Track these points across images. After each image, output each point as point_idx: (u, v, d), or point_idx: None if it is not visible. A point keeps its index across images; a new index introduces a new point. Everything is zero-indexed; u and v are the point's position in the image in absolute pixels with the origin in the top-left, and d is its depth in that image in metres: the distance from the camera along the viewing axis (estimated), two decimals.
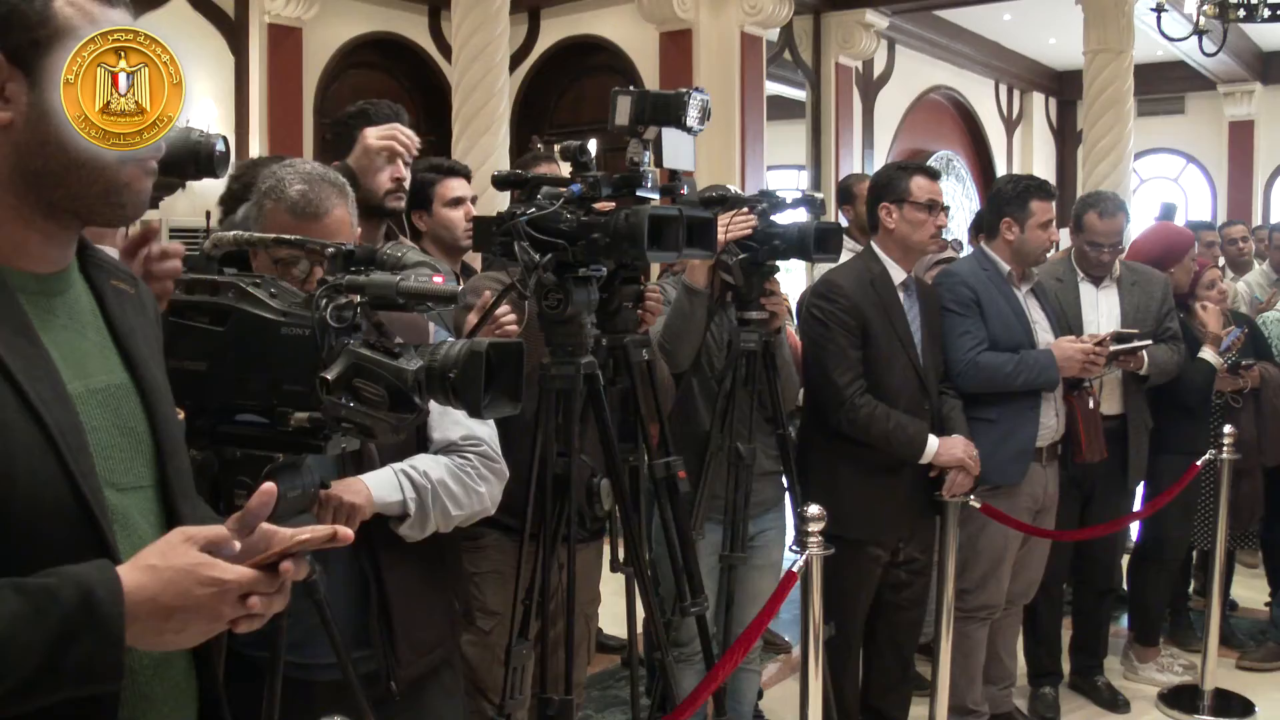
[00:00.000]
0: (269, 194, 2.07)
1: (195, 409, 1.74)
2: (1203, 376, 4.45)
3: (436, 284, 1.69)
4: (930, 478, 3.60)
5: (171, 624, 1.16)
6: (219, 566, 1.17)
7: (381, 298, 1.66)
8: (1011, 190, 3.94)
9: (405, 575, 2.15)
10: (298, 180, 2.06)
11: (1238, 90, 14.29)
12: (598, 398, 2.48)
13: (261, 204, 2.07)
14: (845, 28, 9.93)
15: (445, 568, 2.36)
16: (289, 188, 2.05)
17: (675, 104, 2.40)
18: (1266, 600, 5.49)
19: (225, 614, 1.18)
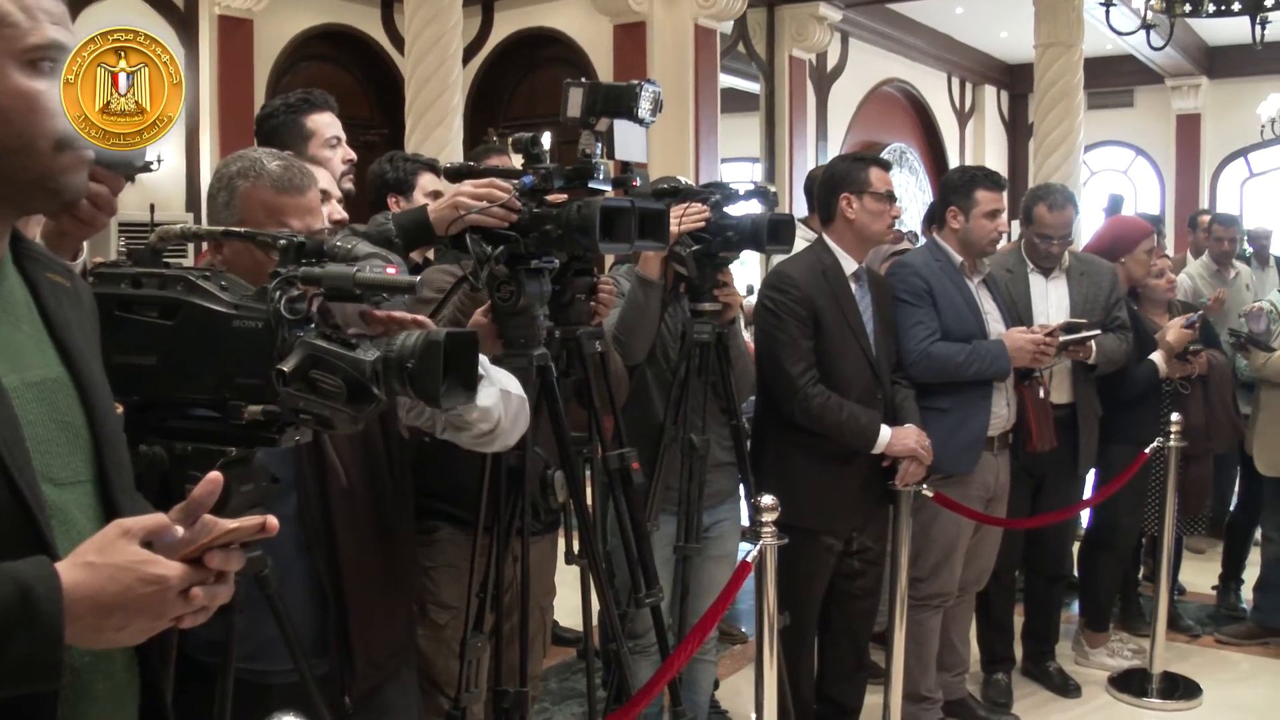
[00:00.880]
0: (243, 175, 2.00)
1: (144, 403, 1.72)
2: (1145, 377, 4.52)
3: (393, 275, 1.68)
4: (883, 467, 3.62)
5: (112, 621, 1.14)
6: (160, 563, 1.15)
7: (338, 289, 1.64)
8: (958, 179, 3.99)
9: (364, 581, 2.09)
10: (273, 158, 2.03)
11: (1185, 84, 14.49)
12: (551, 390, 2.47)
13: (234, 187, 2.01)
14: (799, 20, 9.97)
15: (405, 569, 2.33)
16: (267, 164, 2.01)
17: (627, 96, 2.39)
18: (1214, 585, 5.59)
19: (167, 610, 1.16)
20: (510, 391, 2.00)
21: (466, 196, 2.37)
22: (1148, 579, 5.42)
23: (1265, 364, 4.87)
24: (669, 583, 3.32)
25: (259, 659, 1.98)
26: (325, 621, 2.06)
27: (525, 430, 2.17)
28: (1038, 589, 4.69)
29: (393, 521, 2.18)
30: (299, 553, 2.02)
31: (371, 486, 2.11)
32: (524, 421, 2.12)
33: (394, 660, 2.22)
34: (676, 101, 8.36)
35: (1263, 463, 4.98)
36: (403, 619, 2.26)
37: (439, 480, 2.68)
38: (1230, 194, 15.04)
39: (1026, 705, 4.45)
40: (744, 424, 3.37)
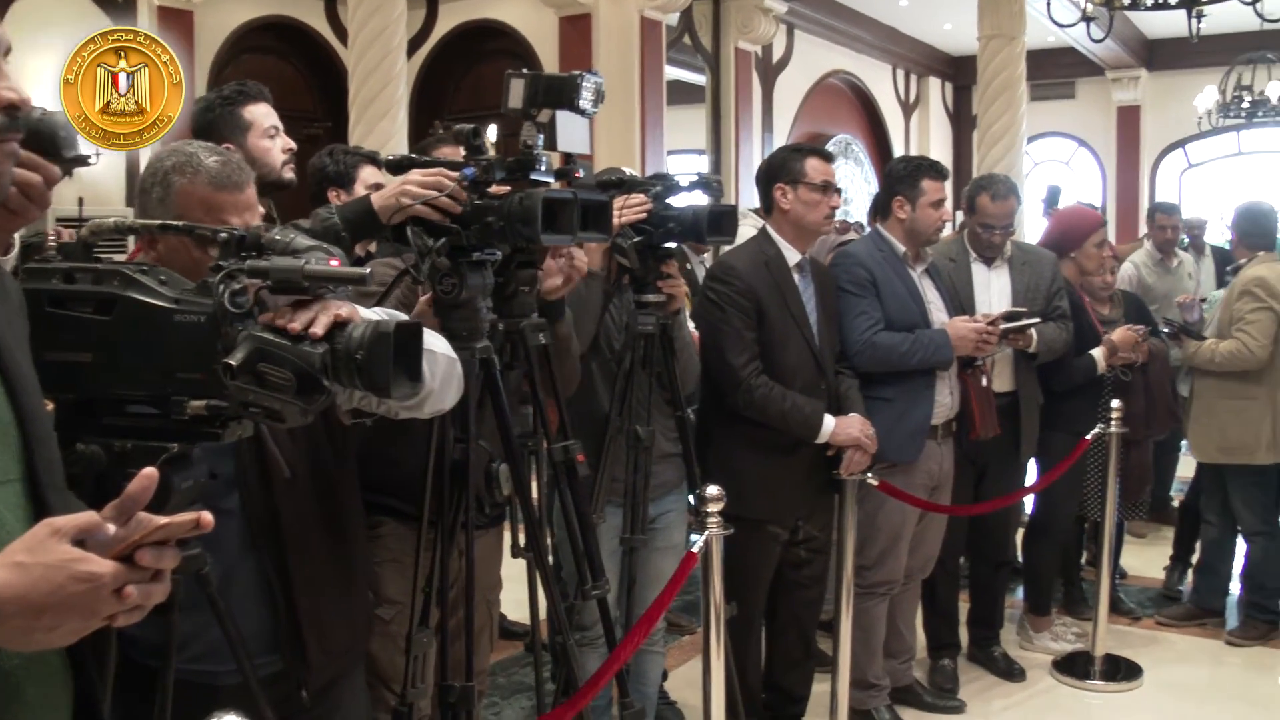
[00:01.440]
0: (179, 171, 1.96)
1: (79, 401, 1.69)
2: (1084, 370, 4.58)
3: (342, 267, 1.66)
4: (828, 456, 3.64)
5: (43, 622, 1.12)
6: (91, 561, 1.13)
7: (286, 282, 1.62)
8: (903, 170, 4.01)
9: (315, 577, 2.07)
10: (210, 153, 2.00)
11: (1125, 76, 14.71)
12: (494, 382, 2.46)
13: (169, 183, 1.98)
14: (744, 12, 10.00)
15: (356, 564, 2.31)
16: (205, 160, 1.98)
17: (568, 86, 2.39)
18: (1165, 565, 5.67)
19: (100, 610, 1.14)
20: (436, 352, 1.97)
21: (413, 185, 2.35)
22: (1090, 564, 5.50)
23: (1195, 353, 4.95)
24: (616, 575, 3.32)
25: (207, 660, 1.96)
26: (276, 617, 2.04)
27: (460, 392, 2.14)
28: (982, 575, 4.75)
29: (341, 511, 2.17)
30: (245, 549, 2.00)
31: (316, 477, 2.09)
32: (457, 383, 2.08)
33: (351, 652, 2.21)
34: (622, 94, 8.35)
35: (1197, 449, 5.07)
36: (358, 609, 2.24)
37: (382, 474, 2.65)
38: (1169, 184, 15.29)
39: (972, 690, 4.50)
40: (689, 415, 3.37)
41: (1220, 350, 4.84)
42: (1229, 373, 4.88)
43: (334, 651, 2.11)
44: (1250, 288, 4.87)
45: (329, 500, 2.12)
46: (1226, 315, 4.91)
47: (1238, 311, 4.86)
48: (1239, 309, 4.86)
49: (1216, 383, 4.94)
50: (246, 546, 2.00)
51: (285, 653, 2.04)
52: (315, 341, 1.58)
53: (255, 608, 2.02)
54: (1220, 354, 4.84)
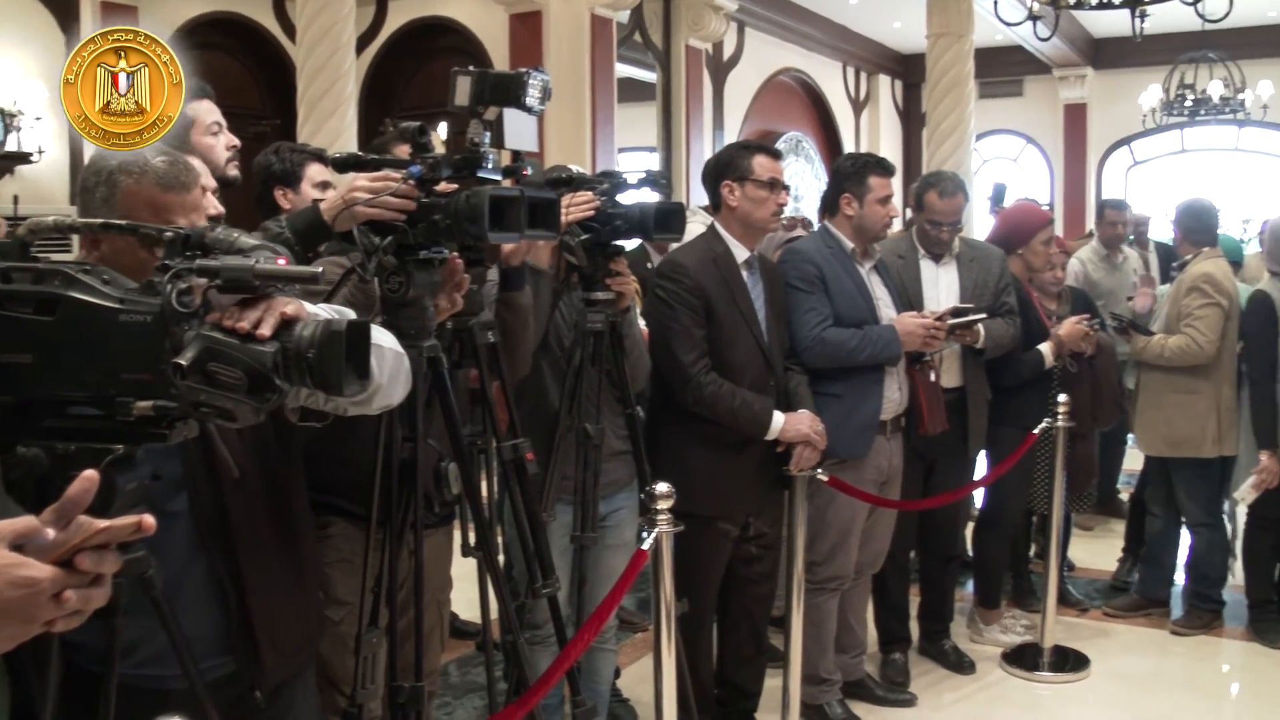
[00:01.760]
0: (125, 171, 1.92)
1: (19, 403, 1.67)
2: (1031, 366, 4.63)
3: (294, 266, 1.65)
4: (778, 453, 3.65)
5: None
6: (29, 565, 1.12)
7: (237, 281, 1.61)
8: (850, 167, 4.03)
9: (266, 574, 2.05)
10: (156, 154, 1.97)
11: (1071, 74, 14.90)
12: (442, 381, 2.45)
13: (115, 183, 1.95)
14: (695, 10, 10.01)
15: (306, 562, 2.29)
16: (152, 160, 1.94)
17: (515, 84, 2.38)
18: (1119, 557, 5.74)
19: (38, 615, 1.13)
20: (384, 347, 1.97)
21: (361, 190, 2.34)
22: (1039, 556, 5.55)
23: (1144, 347, 5.00)
24: (567, 573, 3.32)
25: (154, 664, 1.93)
26: (227, 619, 2.02)
27: (409, 387, 2.13)
28: (932, 569, 4.79)
29: (290, 509, 2.15)
30: (195, 551, 1.97)
31: (265, 476, 2.08)
32: (405, 378, 2.08)
33: (303, 652, 2.20)
34: (573, 91, 8.35)
35: (1143, 442, 5.14)
36: (309, 607, 2.23)
37: (331, 474, 2.64)
38: (1115, 181, 15.50)
39: (923, 683, 4.54)
40: (639, 413, 3.37)
41: (1169, 345, 4.90)
42: (1176, 367, 4.94)
43: (286, 651, 2.10)
44: (1199, 284, 4.93)
45: (278, 498, 2.10)
46: (1174, 311, 4.97)
47: (1186, 307, 4.92)
48: (1187, 305, 4.92)
49: (1163, 377, 5.00)
50: (196, 548, 1.98)
51: (238, 654, 2.03)
52: (266, 340, 1.57)
53: (206, 609, 2.00)
54: (1170, 349, 4.90)
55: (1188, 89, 12.22)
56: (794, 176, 12.62)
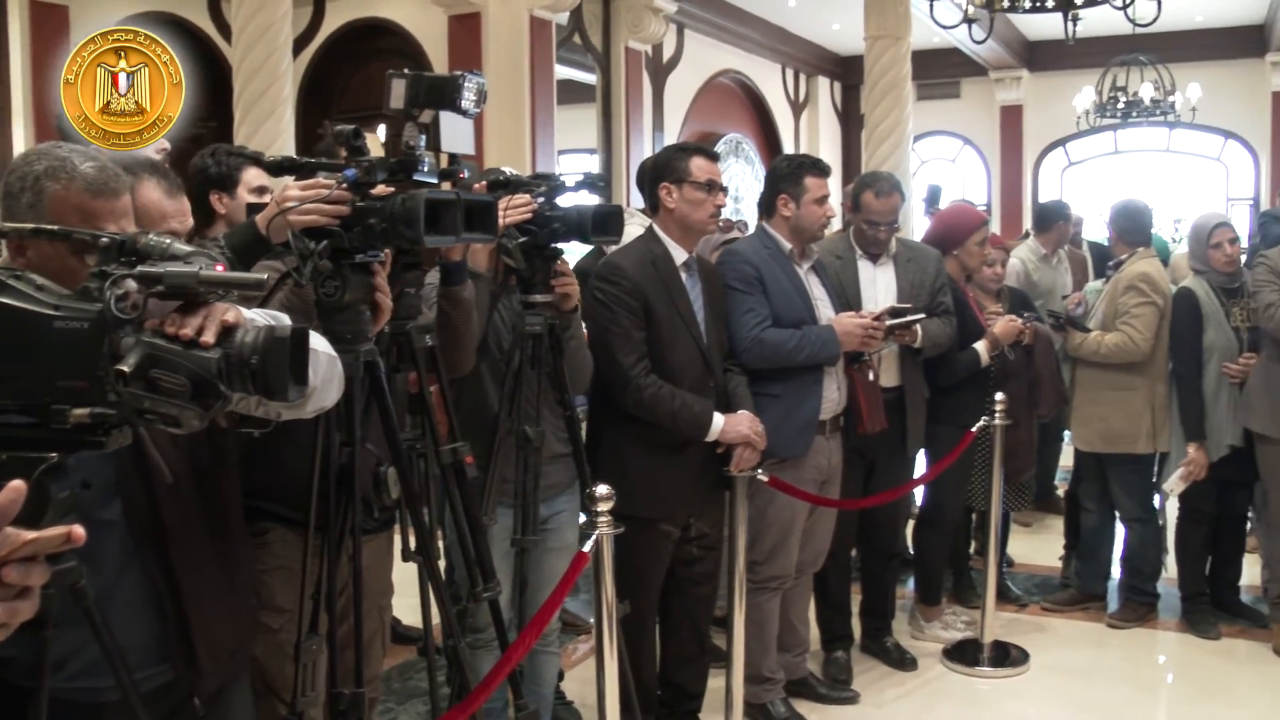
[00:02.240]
0: (52, 176, 1.90)
1: None
2: (967, 364, 4.69)
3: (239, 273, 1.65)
4: (718, 454, 3.67)
5: None
6: None
7: (180, 288, 1.60)
8: (786, 168, 4.05)
9: (201, 580, 2.03)
10: (84, 158, 1.94)
11: (1007, 76, 15.11)
12: (379, 385, 2.44)
13: (41, 188, 1.91)
14: (634, 12, 10.02)
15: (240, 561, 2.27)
16: (80, 165, 1.91)
17: (450, 87, 2.38)
18: (1059, 555, 5.81)
19: None
20: (318, 351, 1.95)
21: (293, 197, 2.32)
22: (978, 553, 5.63)
23: (1081, 344, 5.07)
24: (509, 576, 3.31)
25: (88, 676, 1.91)
26: (164, 627, 2.00)
27: (341, 389, 2.12)
28: (873, 567, 4.82)
29: (223, 513, 2.14)
30: (129, 558, 1.95)
31: (198, 480, 2.06)
32: (338, 381, 2.07)
33: (238, 656, 2.18)
34: (512, 93, 8.32)
35: (1079, 438, 5.21)
36: (243, 610, 2.22)
37: (268, 481, 2.62)
38: (1051, 181, 15.72)
39: (866, 680, 4.57)
40: (579, 415, 3.37)
41: (1106, 342, 4.97)
42: (1111, 365, 5.01)
43: (222, 656, 2.09)
44: (1136, 283, 5.00)
45: (211, 502, 2.09)
46: (1111, 309, 5.04)
47: (1123, 305, 4.99)
48: (1125, 303, 4.99)
49: (1099, 374, 5.07)
50: (130, 555, 1.95)
51: (175, 661, 2.00)
52: (210, 347, 1.56)
53: (142, 617, 1.97)
54: (1106, 346, 4.97)
55: (1120, 91, 12.41)
56: (734, 178, 12.66)
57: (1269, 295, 4.59)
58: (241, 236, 2.44)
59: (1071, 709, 4.36)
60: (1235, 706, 4.36)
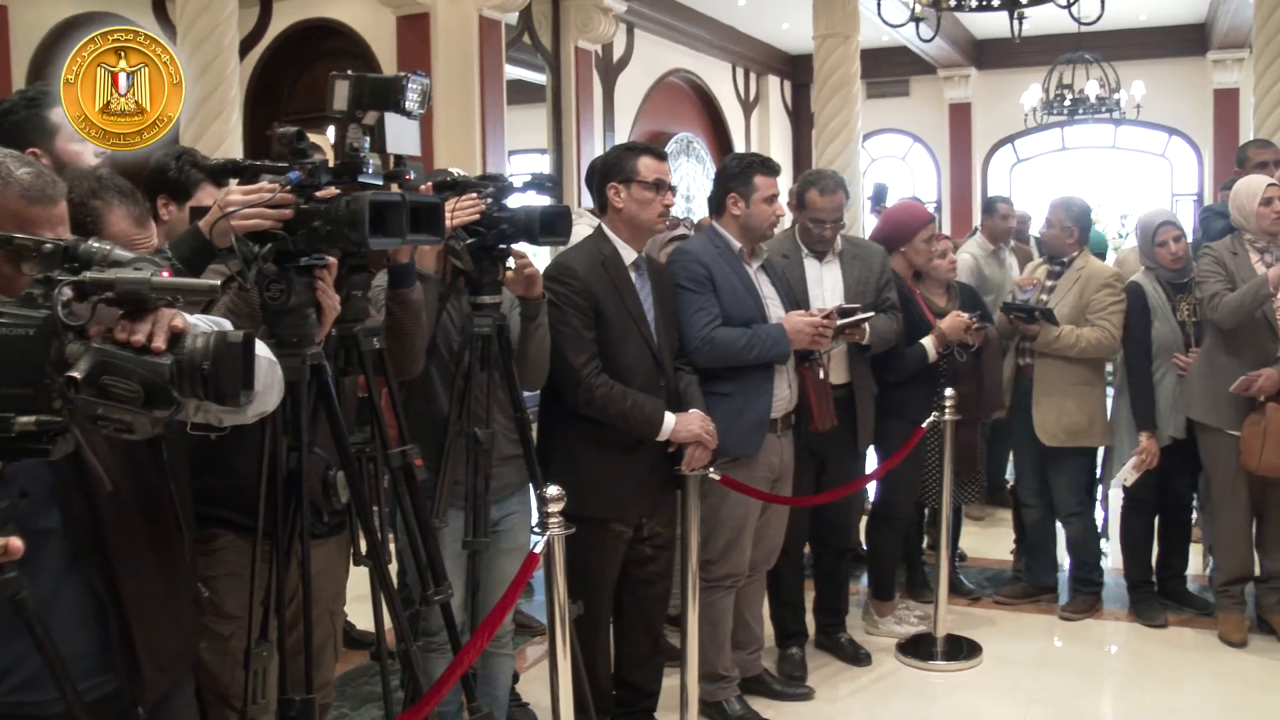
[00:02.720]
0: None
1: None
2: (915, 360, 4.72)
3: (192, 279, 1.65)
4: (669, 453, 3.67)
5: None
6: None
7: (132, 294, 1.59)
8: (735, 167, 4.07)
9: (143, 587, 2.01)
10: (20, 164, 1.90)
11: (956, 74, 15.24)
12: (326, 389, 2.42)
13: None
14: (584, 11, 10.02)
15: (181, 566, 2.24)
16: (15, 171, 1.88)
17: (393, 88, 2.36)
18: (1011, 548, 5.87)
19: None
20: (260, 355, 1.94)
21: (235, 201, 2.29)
22: (931, 548, 5.66)
23: (1057, 338, 5.00)
24: (461, 578, 3.30)
25: (30, 689, 1.88)
26: (106, 636, 1.97)
27: (281, 394, 2.12)
28: (826, 563, 4.84)
29: (163, 518, 2.11)
30: (69, 568, 1.92)
31: (137, 486, 2.04)
32: (278, 386, 2.07)
33: (181, 663, 2.16)
34: (462, 94, 8.29)
35: (1042, 431, 5.13)
36: (184, 615, 2.19)
37: (218, 486, 2.60)
38: (1000, 178, 15.87)
39: (820, 676, 4.60)
40: (529, 416, 3.36)
41: (1086, 337, 4.97)
42: (1073, 360, 5.04)
43: (165, 664, 2.06)
44: (1110, 281, 5.08)
45: (151, 508, 2.06)
46: (1079, 304, 5.05)
47: (1099, 301, 5.02)
48: (1100, 299, 5.02)
49: (1063, 368, 5.06)
50: (70, 564, 1.92)
51: (118, 671, 1.97)
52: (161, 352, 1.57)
53: (84, 627, 1.94)
54: (1086, 340, 4.97)
55: (1066, 89, 12.54)
56: (685, 177, 12.69)
57: (1213, 285, 4.67)
58: (188, 244, 2.41)
59: (1024, 700, 4.41)
60: (1183, 694, 4.43)
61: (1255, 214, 4.67)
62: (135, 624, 1.97)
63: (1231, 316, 4.58)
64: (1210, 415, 4.77)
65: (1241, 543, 4.91)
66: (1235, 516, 4.87)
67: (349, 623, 4.60)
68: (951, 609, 5.00)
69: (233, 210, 2.27)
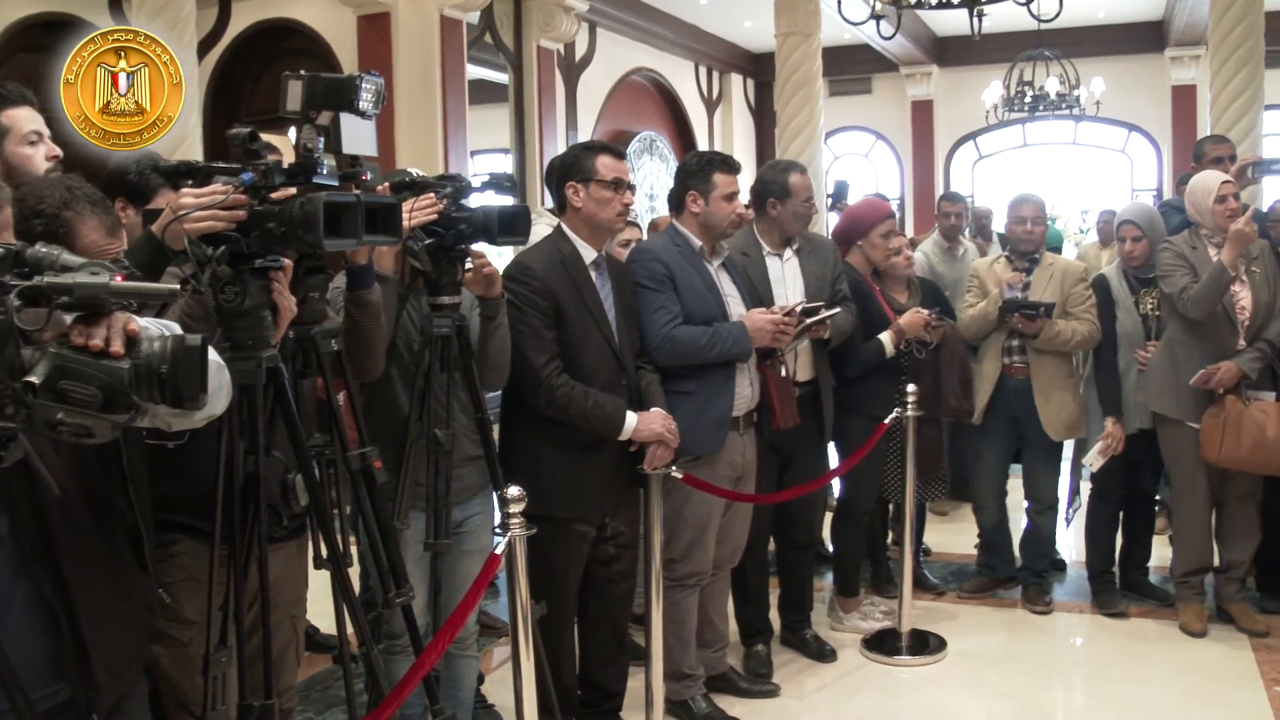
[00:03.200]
0: None
1: None
2: (872, 355, 4.73)
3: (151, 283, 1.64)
4: (631, 452, 3.67)
5: None
6: None
7: (89, 299, 1.58)
8: (695, 164, 4.07)
9: (94, 592, 1.98)
10: None
11: (918, 72, 15.32)
12: (283, 391, 2.40)
13: None
14: (546, 10, 9.99)
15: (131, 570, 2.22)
16: None
17: (347, 88, 2.35)
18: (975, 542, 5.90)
19: None
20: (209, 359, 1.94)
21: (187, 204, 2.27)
22: (895, 543, 5.69)
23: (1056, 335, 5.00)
24: (423, 581, 3.29)
25: None
26: (58, 644, 1.94)
27: (229, 397, 2.11)
28: (790, 560, 4.85)
29: (111, 521, 2.10)
30: (19, 575, 1.89)
31: (85, 490, 2.01)
32: (226, 389, 2.06)
33: (134, 668, 2.14)
34: (423, 93, 8.25)
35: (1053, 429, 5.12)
36: (136, 619, 2.17)
37: (174, 492, 2.58)
38: (962, 175, 15.96)
39: (786, 673, 4.61)
40: (490, 417, 3.35)
41: (1081, 332, 5.04)
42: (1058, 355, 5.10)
43: (119, 670, 2.05)
44: (1083, 274, 5.17)
45: (100, 513, 2.04)
46: (1061, 299, 5.09)
47: (1078, 296, 5.08)
48: (1078, 294, 5.08)
49: (1058, 364, 5.12)
50: (20, 571, 1.90)
51: (72, 679, 1.95)
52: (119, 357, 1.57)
53: (36, 635, 1.92)
54: (1080, 335, 5.04)
55: (1027, 86, 12.62)
56: (649, 176, 12.68)
57: (1180, 279, 4.72)
58: (143, 251, 2.38)
59: (989, 694, 4.43)
60: (1145, 685, 4.46)
61: (1210, 210, 4.73)
62: (88, 629, 1.95)
63: (1200, 307, 4.63)
64: (1171, 408, 4.82)
65: (1201, 534, 4.97)
66: (1195, 508, 4.93)
67: (313, 627, 4.58)
68: (916, 604, 5.02)
69: (185, 213, 2.25)
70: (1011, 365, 5.14)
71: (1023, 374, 5.13)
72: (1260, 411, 4.61)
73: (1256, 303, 4.70)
